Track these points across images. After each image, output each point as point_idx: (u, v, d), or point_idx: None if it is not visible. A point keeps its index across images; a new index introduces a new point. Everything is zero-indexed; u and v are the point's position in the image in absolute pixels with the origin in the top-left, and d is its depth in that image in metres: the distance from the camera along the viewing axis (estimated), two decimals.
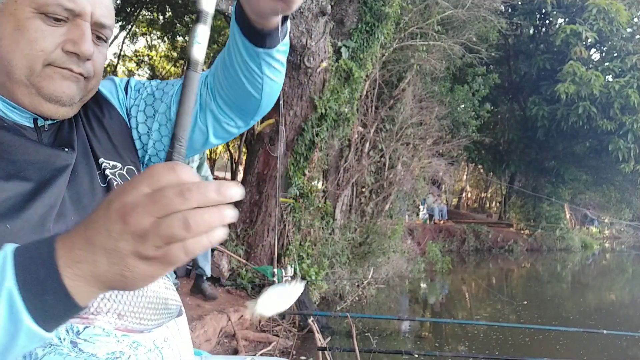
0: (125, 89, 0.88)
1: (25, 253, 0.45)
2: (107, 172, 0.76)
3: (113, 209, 0.43)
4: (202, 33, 0.56)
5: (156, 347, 0.69)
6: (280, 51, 0.82)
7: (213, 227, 0.44)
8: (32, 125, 0.71)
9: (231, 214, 0.45)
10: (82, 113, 0.78)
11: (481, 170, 20.12)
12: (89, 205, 0.70)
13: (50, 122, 0.73)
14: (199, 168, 4.31)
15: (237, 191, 0.45)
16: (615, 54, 13.20)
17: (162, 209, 0.42)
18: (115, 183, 0.75)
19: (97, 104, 0.81)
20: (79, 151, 0.74)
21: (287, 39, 0.81)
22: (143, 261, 0.43)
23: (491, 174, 18.56)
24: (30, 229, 0.60)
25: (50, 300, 0.44)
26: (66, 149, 0.71)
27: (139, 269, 0.44)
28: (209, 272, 4.33)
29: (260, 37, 0.74)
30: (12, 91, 0.67)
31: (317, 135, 5.44)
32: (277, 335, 4.14)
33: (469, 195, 25.07)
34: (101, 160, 0.76)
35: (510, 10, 13.88)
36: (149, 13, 12.67)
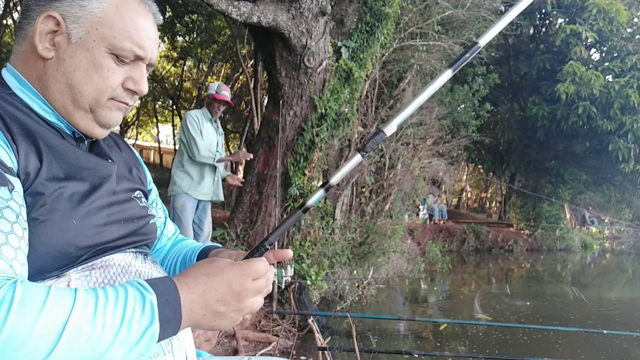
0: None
1: (161, 297, 0.62)
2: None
3: (235, 290, 0.67)
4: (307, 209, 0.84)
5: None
6: None
7: None
8: (72, 135, 0.79)
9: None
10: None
11: (481, 170, 20.12)
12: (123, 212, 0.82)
13: (89, 140, 0.83)
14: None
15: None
16: (615, 54, 13.18)
17: (259, 292, 0.71)
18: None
19: (118, 137, 0.95)
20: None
21: None
22: (230, 322, 0.68)
23: (491, 174, 18.57)
24: (88, 227, 0.71)
25: (168, 333, 0.62)
26: (110, 160, 0.82)
27: (222, 325, 0.68)
28: None
29: None
30: (71, 113, 0.76)
31: (317, 135, 5.44)
32: (277, 335, 4.14)
33: (469, 195, 25.07)
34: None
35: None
36: None
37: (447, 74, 0.83)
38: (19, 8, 12.25)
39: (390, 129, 0.82)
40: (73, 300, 0.56)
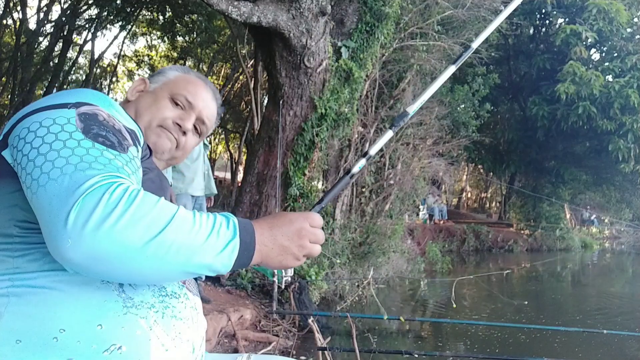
0: None
1: (241, 223, 0.76)
2: None
3: (296, 227, 0.82)
4: (360, 164, 1.06)
5: (194, 309, 0.89)
6: None
7: None
8: None
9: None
10: None
11: (481, 170, 20.12)
12: None
13: None
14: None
15: None
16: (615, 54, 13.18)
17: (317, 240, 0.85)
18: None
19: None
20: None
21: None
22: (294, 258, 0.82)
23: (491, 174, 18.56)
24: None
25: (244, 258, 0.75)
26: (169, 183, 1.06)
27: (288, 261, 0.82)
28: (204, 276, 4.30)
29: None
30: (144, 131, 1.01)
31: (317, 135, 5.44)
32: (277, 335, 4.14)
33: (469, 195, 25.08)
34: None
35: None
36: (149, 13, 12.66)
37: (451, 69, 1.12)
38: (19, 8, 12.24)
39: (411, 108, 1.09)
40: (177, 206, 0.72)
